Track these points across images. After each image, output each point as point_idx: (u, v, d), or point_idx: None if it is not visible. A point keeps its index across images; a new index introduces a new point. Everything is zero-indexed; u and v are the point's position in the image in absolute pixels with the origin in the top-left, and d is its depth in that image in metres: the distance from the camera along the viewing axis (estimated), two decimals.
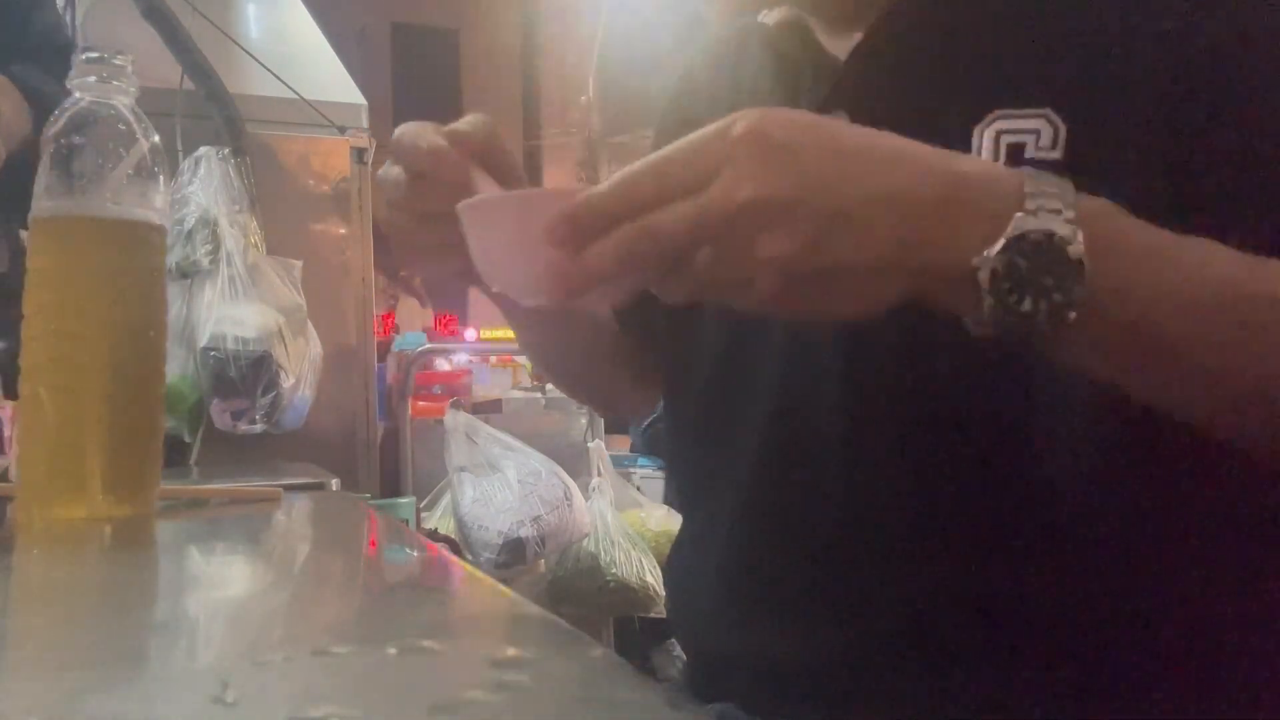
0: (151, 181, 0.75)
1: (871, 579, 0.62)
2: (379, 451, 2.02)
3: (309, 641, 0.42)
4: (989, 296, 0.47)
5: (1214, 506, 0.57)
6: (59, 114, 0.74)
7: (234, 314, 1.60)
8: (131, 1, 1.69)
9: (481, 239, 0.56)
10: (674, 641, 2.61)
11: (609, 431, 3.05)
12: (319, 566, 0.69)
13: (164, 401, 0.79)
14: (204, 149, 1.72)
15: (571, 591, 2.54)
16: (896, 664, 0.61)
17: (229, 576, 0.64)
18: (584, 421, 2.93)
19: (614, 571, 2.53)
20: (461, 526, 2.43)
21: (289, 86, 1.88)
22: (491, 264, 0.57)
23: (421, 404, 2.84)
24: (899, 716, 0.61)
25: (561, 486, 2.46)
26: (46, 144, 0.73)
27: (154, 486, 0.77)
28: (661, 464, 3.52)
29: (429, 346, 3.43)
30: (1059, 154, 0.57)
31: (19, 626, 0.48)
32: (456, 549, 2.37)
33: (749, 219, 0.46)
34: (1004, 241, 0.46)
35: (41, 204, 0.73)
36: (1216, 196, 0.55)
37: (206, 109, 1.76)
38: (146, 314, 0.76)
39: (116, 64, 0.75)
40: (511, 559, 2.36)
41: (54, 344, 0.73)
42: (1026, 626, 0.59)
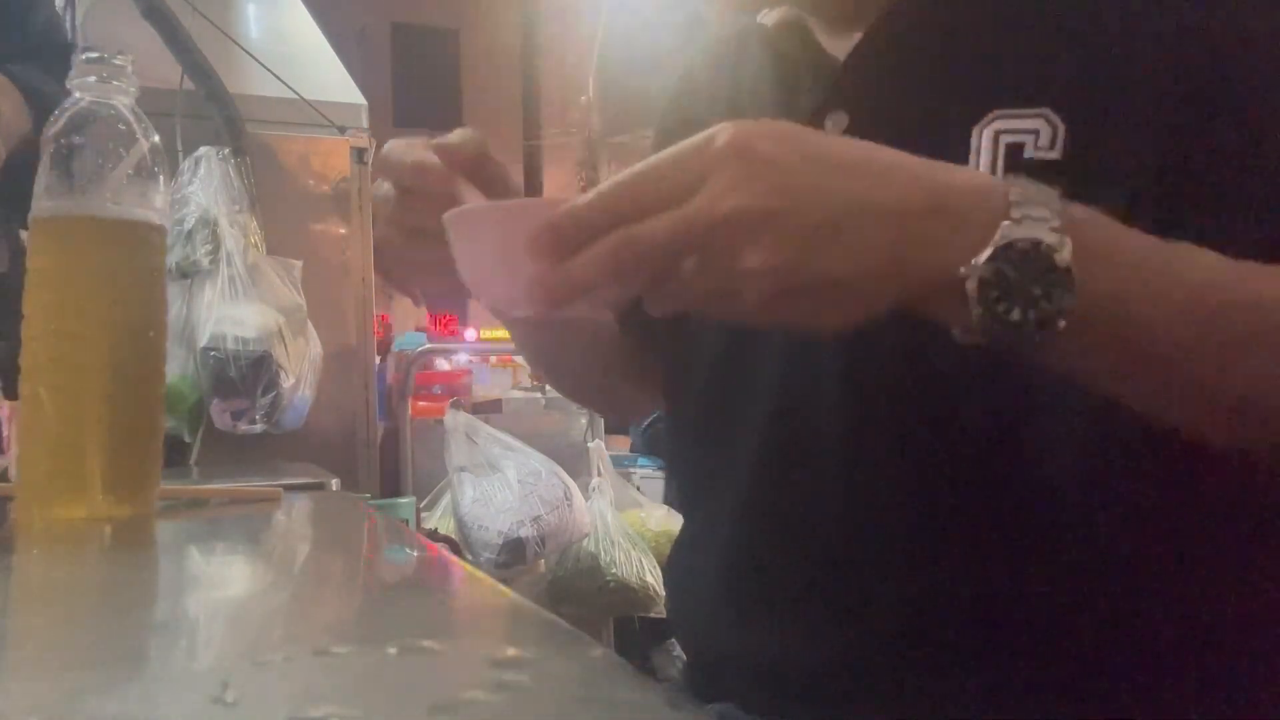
0: (151, 181, 0.75)
1: (871, 579, 0.62)
2: (379, 451, 2.02)
3: (309, 641, 0.42)
4: (977, 306, 0.46)
5: (1213, 507, 0.57)
6: (59, 114, 0.74)
7: (234, 314, 1.60)
8: (131, 1, 1.69)
9: (466, 250, 0.56)
10: (674, 641, 2.61)
11: (609, 431, 3.05)
12: (319, 566, 0.69)
13: (164, 401, 0.79)
14: (204, 149, 1.72)
15: (571, 591, 2.54)
16: (896, 664, 0.61)
17: (229, 576, 0.64)
18: (584, 421, 2.94)
19: (614, 571, 2.53)
20: (461, 526, 2.43)
21: (289, 86, 1.88)
22: (477, 275, 0.57)
23: (421, 404, 2.85)
24: (899, 717, 0.61)
25: (561, 486, 2.46)
26: (46, 144, 0.73)
27: (154, 486, 0.77)
28: (661, 464, 3.52)
29: (429, 346, 3.43)
30: (1058, 154, 0.57)
31: (19, 626, 0.48)
32: (456, 549, 2.37)
33: (733, 231, 0.46)
34: (991, 250, 0.46)
35: (41, 204, 0.73)
36: (1215, 196, 0.55)
37: (206, 109, 1.77)
38: (146, 314, 0.76)
39: (116, 64, 0.75)
40: (511, 559, 2.36)
41: (54, 344, 0.73)
42: (1026, 627, 0.59)
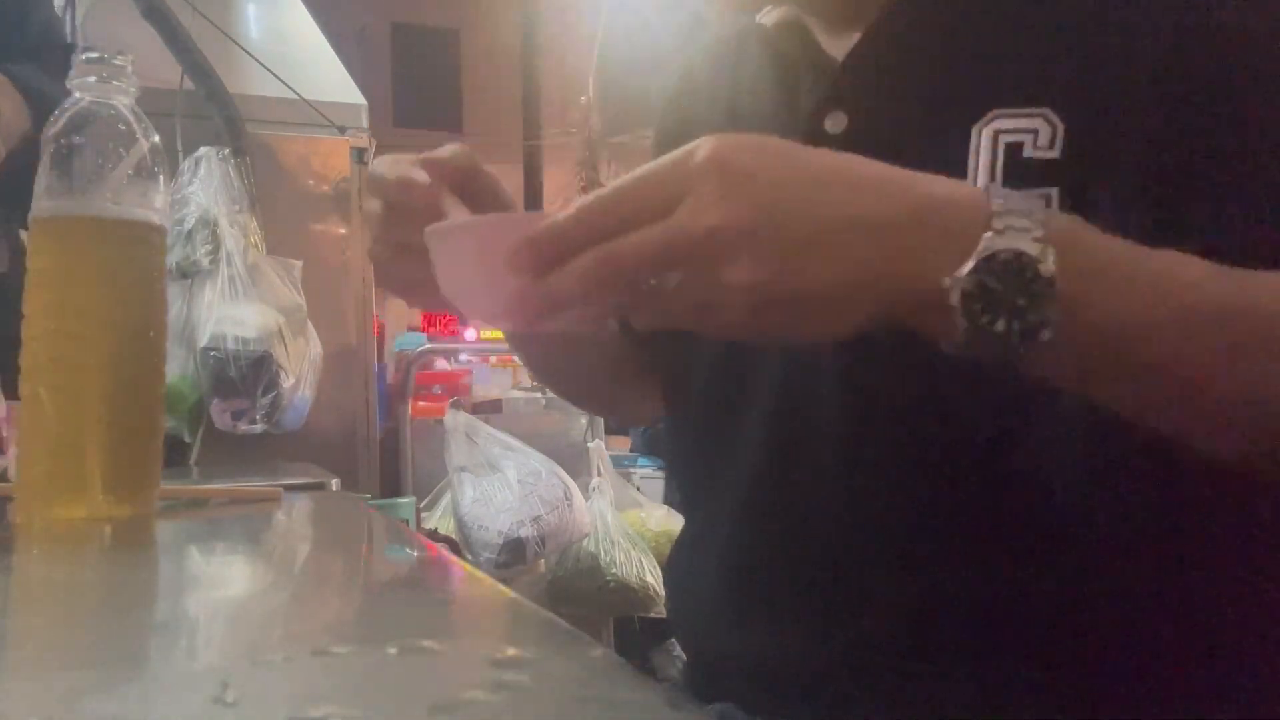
0: (151, 181, 0.75)
1: (871, 580, 0.62)
2: (379, 451, 2.03)
3: (309, 641, 0.42)
4: (961, 318, 0.46)
5: (1214, 507, 0.57)
6: (59, 114, 0.74)
7: (234, 314, 1.60)
8: (131, 1, 1.70)
9: (447, 265, 0.56)
10: (674, 641, 2.61)
11: (609, 432, 3.05)
12: (319, 566, 0.69)
13: (164, 401, 0.79)
14: (204, 149, 1.72)
15: (571, 591, 2.54)
16: (896, 664, 0.61)
17: (229, 576, 0.64)
18: (584, 421, 2.93)
19: (614, 571, 2.53)
20: (461, 526, 2.43)
21: (289, 86, 1.88)
22: (458, 290, 0.57)
23: (421, 404, 2.84)
24: (898, 717, 0.61)
25: (561, 486, 2.46)
26: (46, 144, 0.73)
27: (154, 486, 0.77)
28: (661, 464, 3.52)
29: (429, 346, 3.43)
30: (1057, 153, 0.57)
31: (19, 626, 0.48)
32: (456, 549, 2.37)
33: (713, 246, 0.46)
34: (973, 263, 0.46)
35: (41, 204, 0.73)
36: (1215, 196, 0.54)
37: (206, 109, 1.77)
38: (146, 314, 0.76)
39: (116, 64, 0.75)
40: (511, 559, 2.36)
41: (54, 344, 0.73)
42: (1025, 627, 0.59)
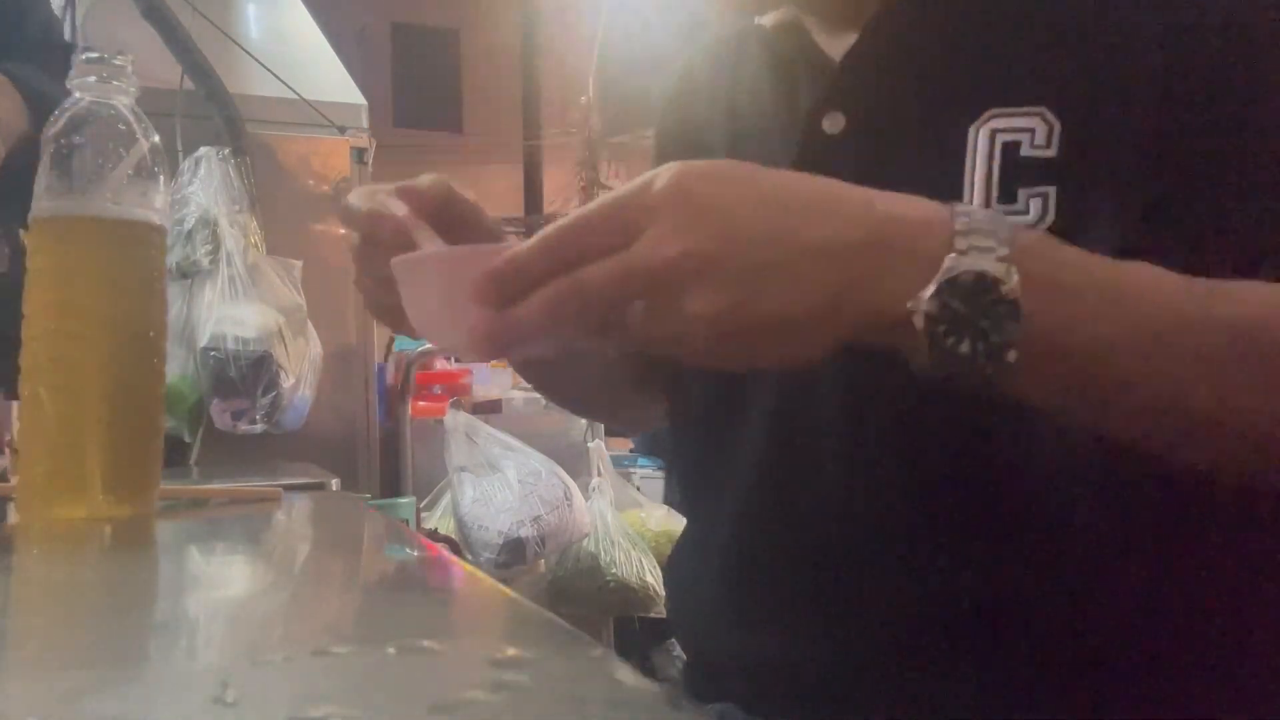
0: (151, 181, 0.75)
1: (871, 581, 0.62)
2: (379, 451, 2.03)
3: (309, 641, 0.42)
4: (926, 341, 0.46)
5: (1214, 508, 0.57)
6: (59, 114, 0.74)
7: (234, 314, 1.60)
8: (131, 1, 1.70)
9: (414, 296, 0.56)
10: (674, 641, 2.61)
11: (609, 432, 3.05)
12: (319, 566, 0.69)
13: (164, 401, 0.79)
14: (204, 149, 1.72)
15: (571, 591, 2.54)
16: (896, 665, 0.61)
17: (229, 576, 0.64)
18: (584, 422, 2.93)
19: (614, 571, 2.53)
20: (461, 526, 2.43)
21: (289, 86, 1.88)
22: (424, 320, 0.57)
23: (421, 404, 2.84)
24: (898, 717, 0.61)
25: (561, 486, 2.46)
26: (46, 144, 0.73)
27: (154, 486, 0.77)
28: (661, 464, 3.52)
29: (429, 346, 3.42)
30: (1053, 152, 0.57)
31: (19, 626, 0.48)
32: (456, 549, 2.37)
33: (675, 276, 0.45)
34: (936, 285, 0.45)
35: (41, 204, 0.73)
36: (1211, 194, 0.54)
37: (206, 109, 1.77)
38: (146, 314, 0.76)
39: (116, 64, 0.75)
40: (511, 559, 2.36)
41: (54, 344, 0.73)
42: (1025, 628, 0.59)
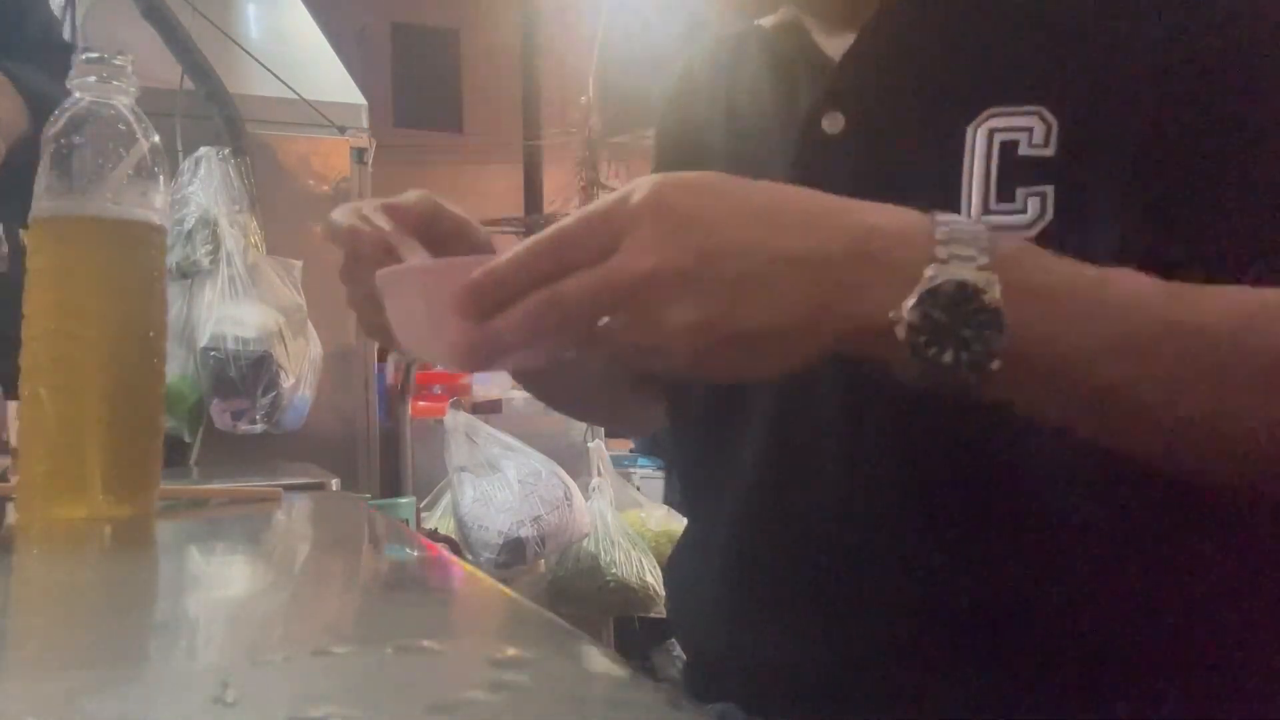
0: (151, 181, 0.75)
1: (871, 581, 0.62)
2: (379, 451, 2.03)
3: (309, 641, 0.42)
4: (908, 351, 0.45)
5: (1213, 509, 0.57)
6: (59, 114, 0.74)
7: (234, 314, 1.60)
8: (131, 1, 1.70)
9: (397, 308, 0.57)
10: (674, 641, 2.61)
11: (609, 432, 3.05)
12: (319, 566, 0.69)
13: (164, 401, 0.79)
14: (204, 149, 1.72)
15: (571, 591, 2.54)
16: (895, 665, 0.61)
17: (229, 576, 0.64)
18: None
19: (614, 571, 2.53)
20: (461, 526, 2.43)
21: (289, 86, 1.88)
22: (408, 332, 0.57)
23: (421, 404, 2.84)
24: (898, 717, 0.61)
25: (561, 486, 2.46)
26: (46, 144, 0.73)
27: (154, 486, 0.77)
28: (661, 464, 3.52)
29: None
30: (1051, 151, 0.57)
31: (19, 626, 0.48)
32: (456, 549, 2.38)
33: (653, 289, 0.45)
34: (916, 295, 0.45)
35: (41, 204, 0.73)
36: (1209, 193, 0.54)
37: (206, 109, 1.77)
38: (146, 314, 0.76)
39: (116, 64, 0.75)
40: (511, 559, 2.36)
41: (54, 344, 0.72)
42: (1025, 628, 0.59)
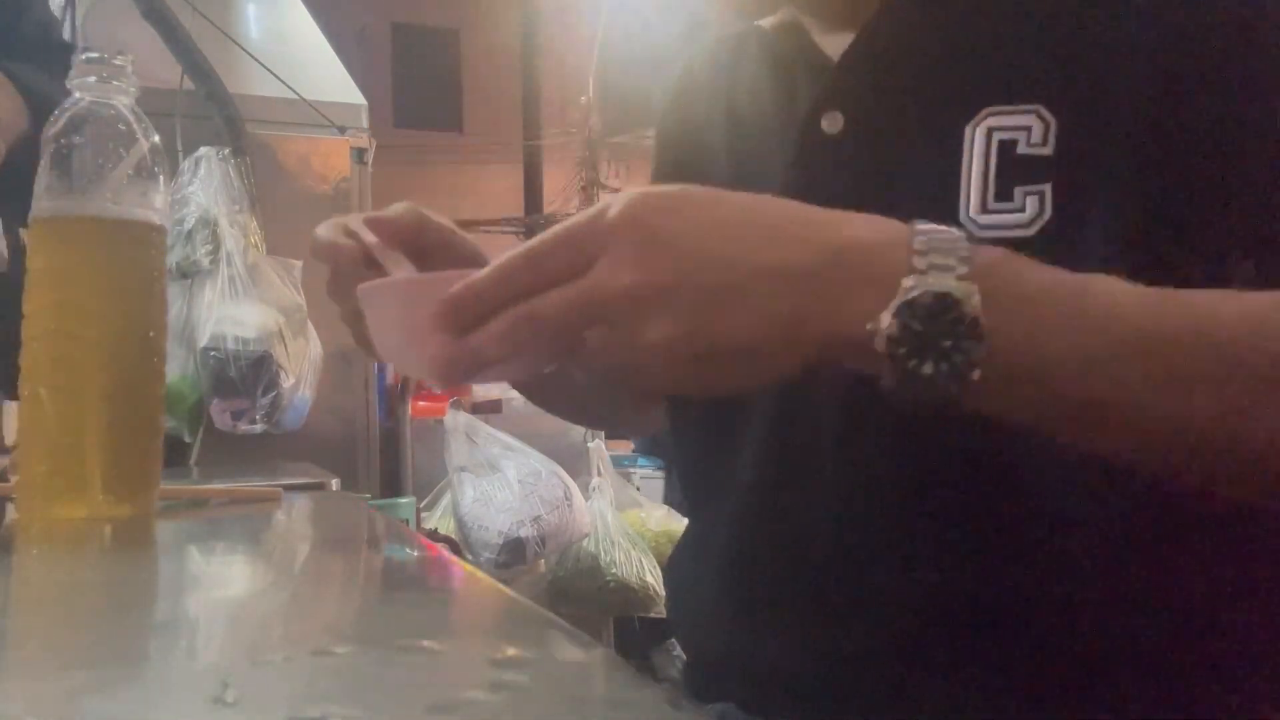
0: (151, 181, 0.75)
1: (870, 581, 0.62)
2: (379, 451, 2.03)
3: (309, 641, 0.42)
4: (888, 363, 0.45)
5: (1212, 510, 0.57)
6: (59, 114, 0.74)
7: (234, 314, 1.60)
8: (131, 1, 1.70)
9: (377, 322, 0.57)
10: (674, 641, 2.61)
11: (609, 433, 3.05)
12: (319, 566, 0.69)
13: (164, 401, 0.79)
14: (204, 149, 1.72)
15: (571, 591, 2.54)
16: (895, 666, 0.61)
17: (229, 576, 0.64)
18: None
19: (614, 571, 2.53)
20: (461, 526, 2.44)
21: (289, 86, 1.88)
22: (388, 346, 0.58)
23: (421, 404, 2.84)
24: (898, 717, 0.61)
25: (561, 486, 2.47)
26: (46, 144, 0.73)
27: (154, 486, 0.77)
28: (661, 464, 3.52)
29: None
30: (1050, 150, 0.57)
31: (19, 626, 0.48)
32: (456, 549, 2.38)
33: (629, 305, 0.45)
34: (895, 306, 0.45)
35: (41, 204, 0.73)
36: (1207, 191, 0.54)
37: (206, 109, 1.77)
38: (146, 314, 0.76)
39: (116, 64, 0.75)
40: (511, 559, 2.36)
41: (54, 344, 0.72)
42: (1025, 628, 0.59)
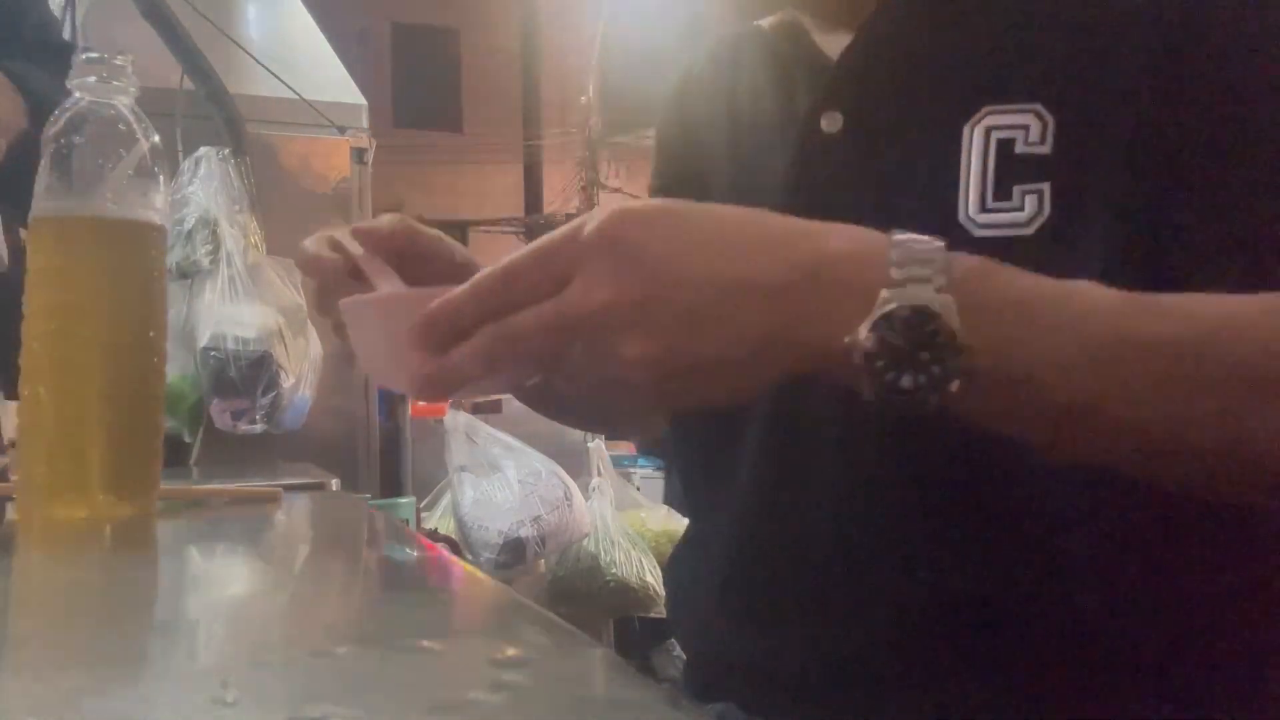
0: (151, 181, 0.75)
1: (871, 582, 0.62)
2: (379, 451, 2.03)
3: (309, 641, 0.42)
4: (865, 375, 0.45)
5: (1213, 509, 0.57)
6: (59, 114, 0.74)
7: (234, 314, 1.60)
8: (131, 1, 1.70)
9: (360, 338, 0.58)
10: (674, 641, 2.61)
11: (610, 435, 3.05)
12: (319, 567, 0.69)
13: (164, 401, 0.79)
14: (204, 149, 1.72)
15: (571, 591, 2.55)
16: (895, 666, 0.61)
17: (229, 576, 0.64)
18: None
19: (614, 571, 2.53)
20: (461, 526, 2.44)
21: (289, 86, 1.88)
22: (370, 361, 0.58)
23: (421, 404, 2.84)
24: (898, 717, 0.61)
25: (561, 486, 2.47)
26: (46, 144, 0.73)
27: (154, 486, 0.77)
28: (661, 464, 3.53)
29: None
30: (1048, 149, 0.57)
31: (19, 626, 0.48)
32: (456, 549, 2.38)
33: (606, 322, 0.45)
34: (872, 319, 0.44)
35: (41, 204, 0.73)
36: (1205, 190, 0.54)
37: (206, 109, 1.77)
38: (146, 314, 0.76)
39: (116, 64, 0.75)
40: (511, 559, 2.36)
41: (54, 344, 0.72)
42: (1025, 629, 0.59)
